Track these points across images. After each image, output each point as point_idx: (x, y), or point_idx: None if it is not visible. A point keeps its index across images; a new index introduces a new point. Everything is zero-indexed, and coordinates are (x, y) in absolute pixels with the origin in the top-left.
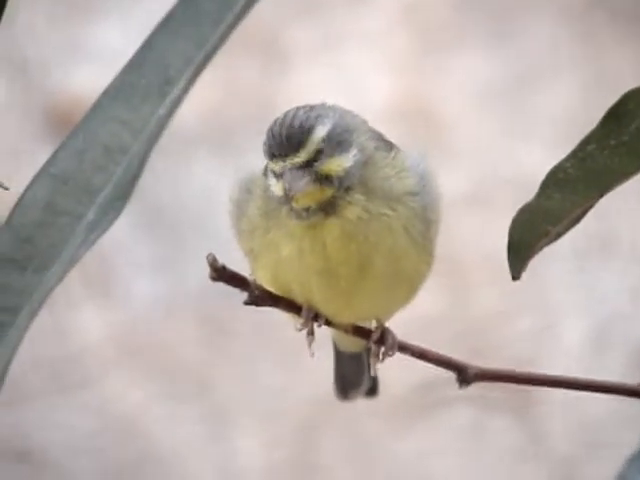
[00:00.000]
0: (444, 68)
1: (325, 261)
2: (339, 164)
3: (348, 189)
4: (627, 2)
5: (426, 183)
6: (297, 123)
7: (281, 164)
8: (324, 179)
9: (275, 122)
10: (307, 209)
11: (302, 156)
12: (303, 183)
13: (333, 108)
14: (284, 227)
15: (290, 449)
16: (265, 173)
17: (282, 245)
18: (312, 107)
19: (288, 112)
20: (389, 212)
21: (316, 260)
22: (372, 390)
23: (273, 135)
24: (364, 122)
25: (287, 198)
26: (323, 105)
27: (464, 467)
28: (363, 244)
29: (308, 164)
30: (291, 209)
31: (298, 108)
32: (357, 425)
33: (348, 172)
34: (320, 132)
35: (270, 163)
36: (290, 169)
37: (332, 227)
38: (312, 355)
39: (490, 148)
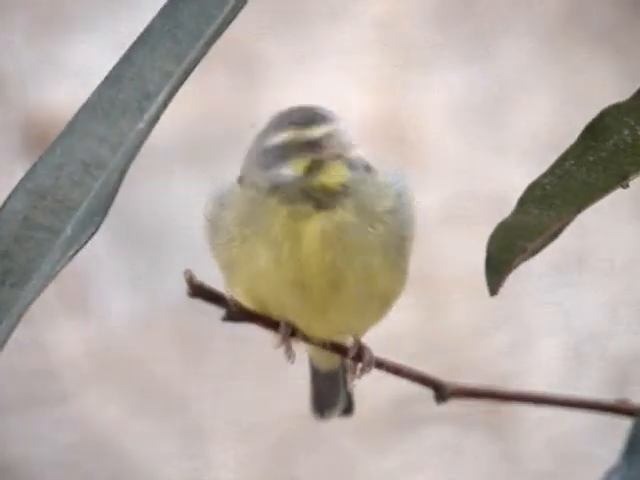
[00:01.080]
0: (420, 85)
1: (298, 272)
2: (356, 149)
3: (346, 191)
4: (603, 20)
5: (404, 201)
6: (315, 105)
7: (323, 128)
8: (348, 159)
9: (287, 108)
10: (304, 197)
11: (330, 128)
12: (350, 145)
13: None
14: (263, 230)
15: (267, 465)
16: (242, 180)
17: (258, 253)
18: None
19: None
20: (369, 229)
21: (289, 271)
22: (348, 409)
23: (299, 110)
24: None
25: (311, 171)
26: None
27: None
28: (337, 256)
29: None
30: (287, 194)
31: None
32: (334, 441)
33: (359, 160)
34: (334, 123)
35: (296, 131)
36: (326, 135)
37: (316, 223)
38: (292, 362)
39: (466, 165)
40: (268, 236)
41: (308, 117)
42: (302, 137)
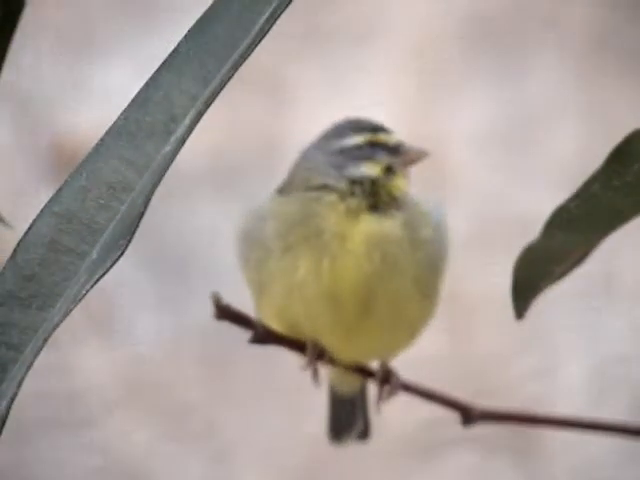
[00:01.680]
0: (449, 109)
1: (335, 282)
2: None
3: (400, 205)
4: (634, 43)
5: (441, 231)
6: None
7: (397, 136)
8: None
9: (348, 118)
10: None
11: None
12: (414, 157)
13: None
14: (310, 232)
15: None
16: (283, 190)
17: (300, 263)
18: None
19: None
20: (409, 254)
21: (328, 279)
22: (364, 433)
23: (361, 119)
24: None
25: (389, 172)
26: None
27: None
28: (374, 270)
29: None
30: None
31: None
32: (360, 465)
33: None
34: None
35: (376, 135)
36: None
37: (367, 224)
38: (319, 385)
39: (493, 189)
40: (313, 240)
41: (378, 124)
42: (381, 140)
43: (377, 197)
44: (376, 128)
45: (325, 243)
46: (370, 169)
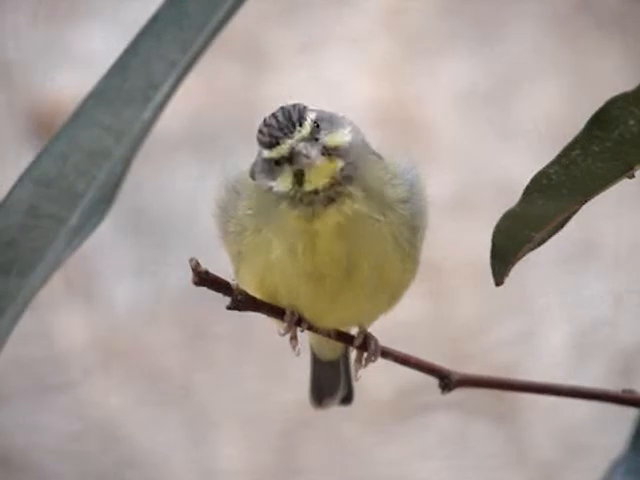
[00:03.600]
0: (427, 72)
1: (314, 263)
2: (341, 137)
3: (350, 179)
4: (612, 7)
5: (416, 190)
6: (288, 108)
7: (289, 142)
8: (333, 150)
9: (265, 118)
10: (309, 200)
11: (307, 128)
12: (317, 152)
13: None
14: (277, 225)
15: (272, 453)
16: (253, 175)
17: (273, 245)
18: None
19: (275, 109)
20: (380, 217)
21: (305, 261)
22: (347, 398)
23: (269, 123)
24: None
25: (298, 182)
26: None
27: (447, 472)
28: (352, 246)
29: (314, 139)
30: (293, 199)
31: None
32: (339, 430)
33: (351, 145)
34: (311, 114)
35: (274, 150)
36: (301, 142)
37: (328, 219)
38: (297, 353)
39: (473, 153)
40: (282, 232)
41: (275, 131)
42: (275, 155)
43: (320, 198)
44: (271, 143)
45: (294, 238)
46: (282, 185)
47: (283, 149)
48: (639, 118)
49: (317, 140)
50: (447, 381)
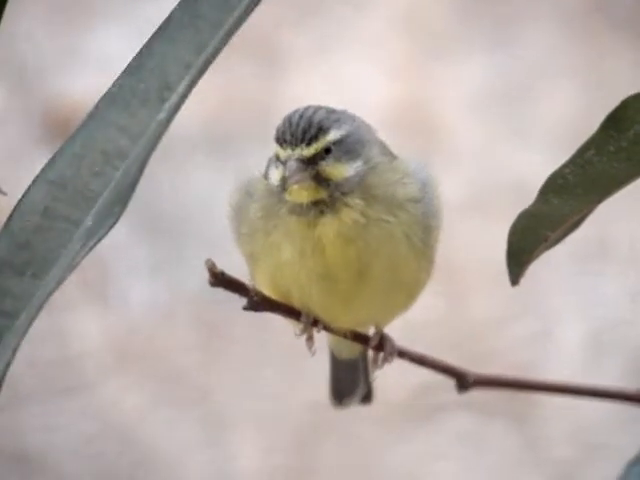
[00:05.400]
0: (443, 73)
1: (324, 265)
2: (341, 171)
3: (345, 193)
4: (626, 8)
5: (428, 190)
6: (316, 119)
7: (289, 152)
8: (322, 180)
9: (295, 112)
10: (301, 205)
11: (310, 151)
12: (301, 176)
13: (353, 117)
14: (285, 228)
15: (288, 454)
16: (265, 174)
17: (283, 247)
18: (334, 110)
19: (310, 107)
20: (390, 218)
21: (316, 263)
22: (367, 397)
23: (290, 123)
24: (376, 135)
25: (282, 186)
26: (345, 112)
27: (463, 472)
28: (363, 249)
29: (313, 160)
30: (292, 203)
31: (321, 107)
32: (355, 430)
33: (347, 180)
34: (334, 135)
35: (278, 148)
36: (295, 159)
37: (327, 227)
38: (313, 354)
39: (488, 154)
40: (289, 235)
41: (286, 134)
42: (281, 153)
43: (311, 208)
44: (279, 141)
45: (300, 239)
46: (273, 179)
47: (280, 154)
48: None
49: (315, 165)
50: (464, 381)
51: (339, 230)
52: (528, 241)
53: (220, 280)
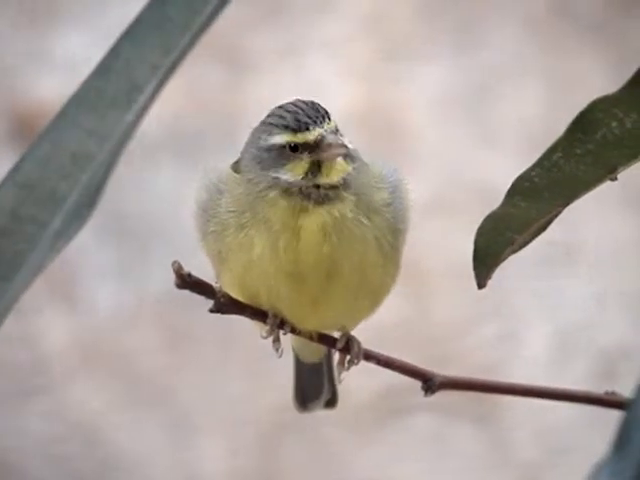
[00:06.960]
0: (407, 76)
1: (295, 262)
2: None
3: (347, 185)
4: (590, 10)
5: (398, 194)
6: (311, 101)
7: (318, 130)
8: (349, 152)
9: (289, 103)
10: (308, 193)
11: (334, 123)
12: (344, 148)
13: None
14: (262, 218)
15: (254, 456)
16: (237, 169)
17: (255, 242)
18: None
19: (291, 101)
20: (366, 221)
21: (287, 260)
22: (331, 401)
23: (299, 108)
24: None
25: (313, 173)
26: None
27: (428, 474)
28: (336, 246)
29: (341, 135)
30: (287, 190)
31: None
32: (321, 433)
33: (355, 155)
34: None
35: (297, 136)
36: (331, 134)
37: (315, 217)
38: (280, 356)
39: (453, 156)
40: (266, 227)
41: (303, 117)
42: (298, 140)
43: (310, 192)
44: (299, 127)
45: (277, 233)
46: (291, 173)
47: (312, 135)
48: (621, 120)
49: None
50: (430, 383)
51: (324, 221)
52: (495, 244)
53: (186, 282)
